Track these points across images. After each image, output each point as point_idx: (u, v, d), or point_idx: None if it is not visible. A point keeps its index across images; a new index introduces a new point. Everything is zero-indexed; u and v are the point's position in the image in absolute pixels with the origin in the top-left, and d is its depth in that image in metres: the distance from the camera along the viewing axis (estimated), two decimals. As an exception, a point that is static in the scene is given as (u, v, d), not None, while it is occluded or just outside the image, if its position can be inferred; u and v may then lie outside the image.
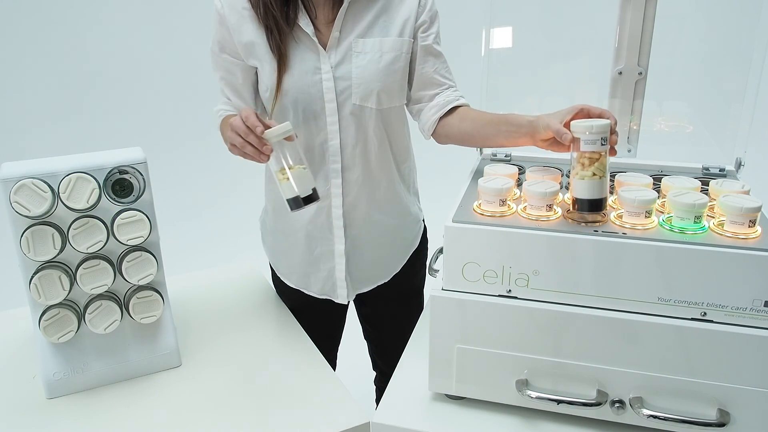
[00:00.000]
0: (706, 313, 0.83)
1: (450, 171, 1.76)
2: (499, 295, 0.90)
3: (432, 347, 0.94)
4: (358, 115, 1.17)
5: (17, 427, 1.02)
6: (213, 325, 1.30)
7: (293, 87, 1.15)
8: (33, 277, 1.01)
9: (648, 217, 0.88)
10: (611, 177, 1.06)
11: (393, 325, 1.46)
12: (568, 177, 1.06)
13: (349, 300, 1.33)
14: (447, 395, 0.99)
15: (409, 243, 1.37)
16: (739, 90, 1.07)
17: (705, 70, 1.22)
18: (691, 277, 0.81)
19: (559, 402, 0.89)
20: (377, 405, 1.40)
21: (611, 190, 1.00)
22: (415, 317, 1.28)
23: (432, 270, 1.03)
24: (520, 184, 1.03)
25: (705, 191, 0.97)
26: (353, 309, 1.50)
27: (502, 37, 1.23)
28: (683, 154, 1.14)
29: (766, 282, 0.79)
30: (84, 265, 1.04)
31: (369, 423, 0.99)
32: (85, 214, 1.03)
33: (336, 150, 1.18)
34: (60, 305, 1.05)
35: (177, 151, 3.47)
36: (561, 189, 0.99)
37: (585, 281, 0.86)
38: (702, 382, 0.84)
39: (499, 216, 0.91)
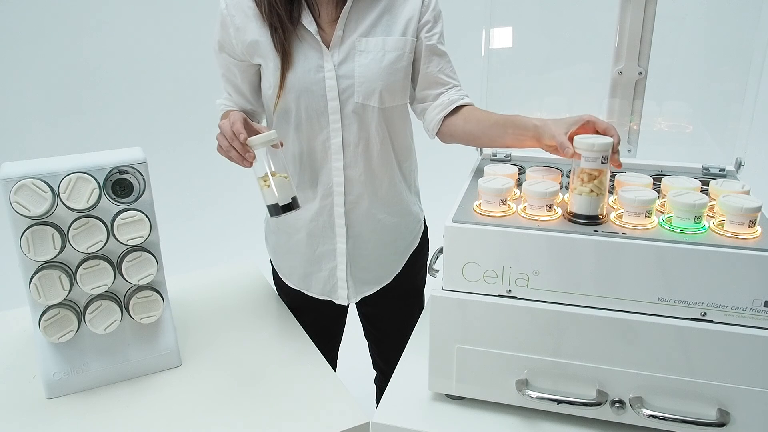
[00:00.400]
0: (706, 313, 0.83)
1: (450, 171, 1.76)
2: (499, 295, 0.90)
3: (432, 347, 0.94)
4: (360, 114, 1.17)
5: (17, 427, 1.02)
6: (213, 325, 1.31)
7: (296, 85, 1.15)
8: (33, 277, 1.01)
9: (648, 217, 0.88)
10: (611, 177, 1.06)
11: (393, 325, 1.46)
12: (568, 177, 1.06)
13: (350, 302, 1.33)
14: (447, 395, 0.99)
15: (410, 242, 1.36)
16: (739, 90, 1.07)
17: (705, 70, 1.22)
18: (691, 277, 0.81)
19: (559, 402, 0.89)
20: (377, 405, 1.40)
21: (611, 190, 1.00)
22: (416, 317, 1.28)
23: (432, 270, 1.03)
24: (520, 184, 1.03)
25: (705, 191, 0.97)
26: (353, 309, 1.50)
27: (502, 37, 1.23)
28: (683, 154, 1.14)
29: (766, 282, 0.79)
30: (84, 265, 1.04)
31: (369, 423, 0.99)
32: (85, 214, 1.03)
33: (338, 148, 1.19)
34: (60, 305, 1.05)
35: (177, 151, 3.47)
36: (561, 189, 0.99)
37: (585, 281, 0.86)
38: (702, 382, 0.84)
39: (499, 216, 0.91)
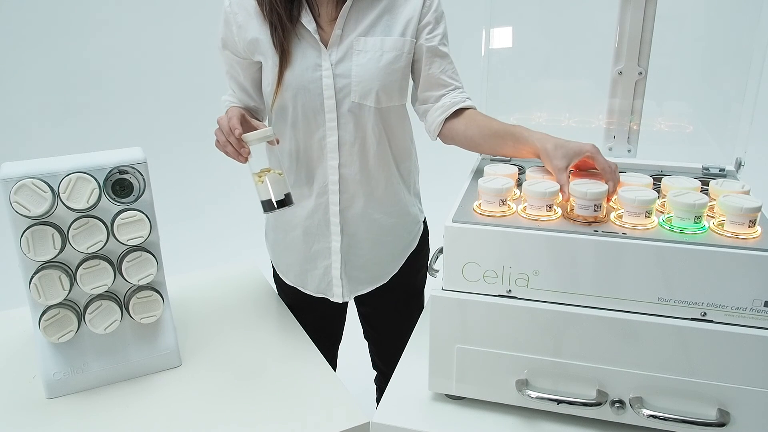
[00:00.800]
0: (706, 313, 0.83)
1: (450, 171, 1.76)
2: (499, 295, 0.90)
3: (432, 347, 0.94)
4: (356, 113, 1.17)
5: (17, 427, 1.02)
6: (213, 325, 1.31)
7: (293, 82, 1.16)
8: (33, 277, 1.01)
9: (648, 217, 0.88)
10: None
11: (393, 326, 1.46)
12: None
13: (345, 300, 1.33)
14: (447, 395, 0.99)
15: (407, 244, 1.36)
16: (739, 90, 1.07)
17: (705, 70, 1.22)
18: (691, 277, 0.81)
19: (559, 402, 0.89)
20: (377, 405, 1.40)
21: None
22: (415, 318, 1.28)
23: (432, 270, 1.03)
24: (520, 184, 1.03)
25: (705, 191, 0.97)
26: (353, 308, 1.50)
27: (502, 37, 1.23)
28: (683, 154, 1.14)
29: (766, 282, 0.79)
30: (84, 265, 1.04)
31: (369, 423, 0.99)
32: (85, 214, 1.03)
33: (334, 146, 1.19)
34: (60, 305, 1.05)
35: (177, 151, 3.47)
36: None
37: (585, 281, 0.86)
38: (702, 382, 0.84)
39: (499, 216, 0.91)
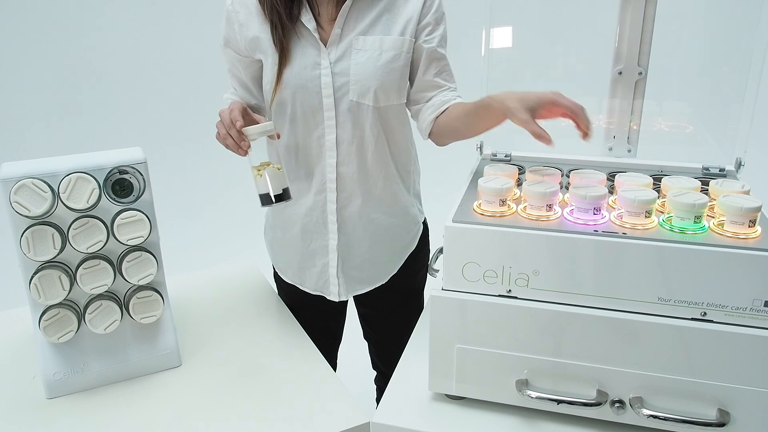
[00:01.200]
0: (706, 313, 0.83)
1: (450, 171, 1.76)
2: (499, 295, 0.90)
3: (432, 347, 0.94)
4: (354, 112, 1.18)
5: (17, 427, 1.02)
6: (213, 325, 1.30)
7: (292, 81, 1.17)
8: (33, 277, 1.01)
9: (648, 217, 0.88)
10: (611, 177, 1.06)
11: (392, 326, 1.46)
12: (568, 177, 1.06)
13: (342, 299, 1.33)
14: (447, 395, 0.99)
15: (406, 244, 1.36)
16: (739, 90, 1.07)
17: (705, 70, 1.22)
18: (691, 277, 0.81)
19: (559, 402, 0.90)
20: (377, 405, 1.40)
21: (611, 190, 1.01)
22: (415, 319, 1.28)
23: (432, 270, 1.03)
24: (520, 184, 1.03)
25: (705, 191, 0.97)
26: (353, 308, 1.50)
27: (502, 37, 1.23)
28: (683, 154, 1.14)
29: (766, 282, 0.79)
30: (84, 265, 1.04)
31: (369, 423, 0.99)
32: (85, 214, 1.03)
33: (332, 145, 1.19)
34: (60, 305, 1.05)
35: (177, 151, 3.47)
36: (561, 189, 0.99)
37: (585, 281, 0.86)
38: (702, 382, 0.84)
39: (499, 216, 0.91)
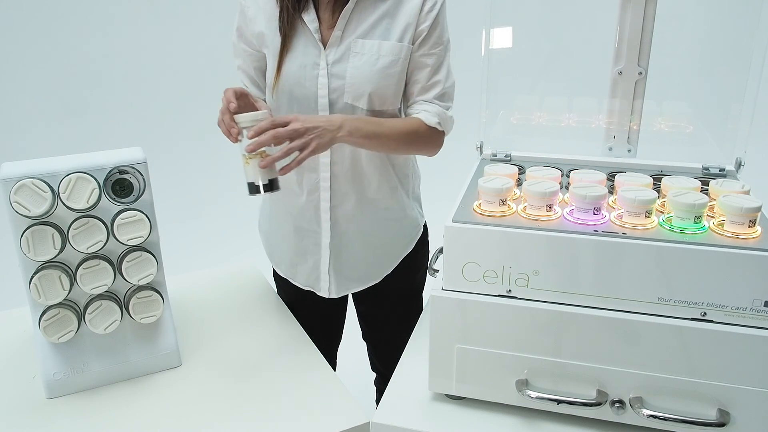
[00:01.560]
0: (706, 313, 0.83)
1: (450, 171, 1.76)
2: (499, 295, 0.90)
3: (432, 347, 0.94)
4: (349, 114, 1.18)
5: (17, 427, 1.02)
6: (213, 325, 1.30)
7: (290, 78, 1.18)
8: (33, 277, 1.01)
9: (648, 217, 0.88)
10: (611, 177, 1.06)
11: (391, 327, 1.46)
12: (568, 177, 1.06)
13: (332, 296, 1.33)
14: (447, 395, 0.99)
15: (403, 246, 1.35)
16: (739, 90, 1.07)
17: (705, 70, 1.22)
18: (691, 277, 0.81)
19: (559, 402, 0.89)
20: (377, 405, 1.40)
21: (611, 190, 1.00)
22: (414, 321, 1.28)
23: (432, 270, 1.03)
24: (520, 184, 1.03)
25: (705, 191, 0.97)
26: (353, 309, 1.49)
27: (502, 37, 1.23)
28: (683, 154, 1.14)
29: (766, 282, 0.79)
30: (84, 265, 1.04)
31: (369, 423, 0.99)
32: (85, 214, 1.03)
33: None
34: (60, 305, 1.05)
35: (177, 151, 3.47)
36: (561, 189, 0.99)
37: (585, 281, 0.86)
38: (702, 382, 0.84)
39: (499, 216, 0.91)
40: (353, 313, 1.51)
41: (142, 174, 1.06)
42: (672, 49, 1.18)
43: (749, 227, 0.84)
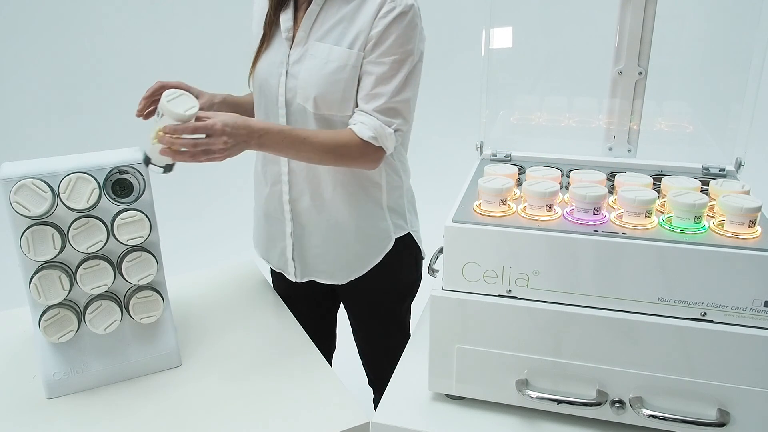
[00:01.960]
0: (706, 313, 0.83)
1: (449, 171, 1.76)
2: (499, 295, 0.90)
3: (432, 347, 0.94)
4: (302, 114, 1.20)
5: (17, 427, 1.02)
6: (213, 325, 1.30)
7: (261, 74, 1.23)
8: (33, 277, 1.01)
9: (648, 217, 0.88)
10: (611, 177, 1.06)
11: (370, 336, 1.46)
12: (568, 177, 1.06)
13: (299, 281, 1.35)
14: (447, 395, 0.99)
15: (368, 255, 1.31)
16: (739, 90, 1.07)
17: (705, 70, 1.22)
18: (691, 277, 0.81)
19: (559, 402, 0.89)
20: (375, 408, 1.40)
21: (611, 190, 1.00)
22: (396, 336, 1.30)
23: (432, 270, 1.03)
24: (520, 184, 1.03)
25: (705, 191, 0.97)
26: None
27: (502, 37, 1.23)
28: (683, 154, 1.14)
29: (766, 282, 0.79)
30: (84, 265, 1.04)
31: (369, 423, 0.99)
32: (85, 214, 1.03)
33: None
34: (60, 305, 1.05)
35: (177, 151, 3.46)
36: (561, 189, 0.99)
37: (585, 281, 0.86)
38: (702, 382, 0.84)
39: (499, 216, 0.91)
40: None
41: (142, 174, 1.06)
42: (672, 49, 1.18)
43: (749, 227, 0.84)
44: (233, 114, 1.05)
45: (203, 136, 1.01)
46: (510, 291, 0.89)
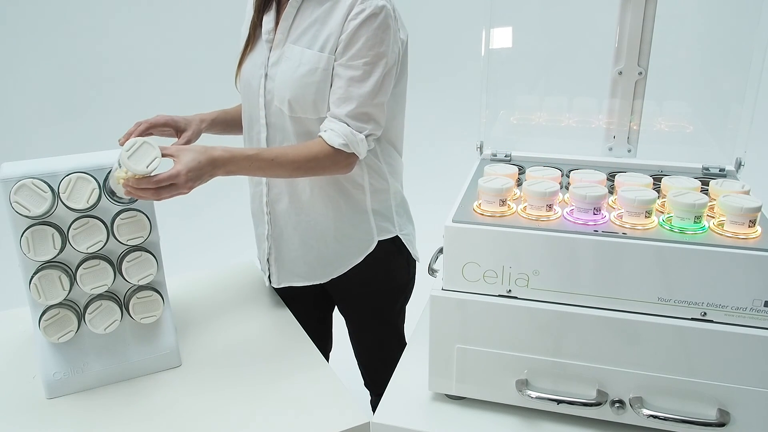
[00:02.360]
0: (706, 313, 0.83)
1: (449, 171, 1.76)
2: (499, 295, 0.90)
3: (432, 347, 0.94)
4: (279, 116, 1.20)
5: (17, 427, 1.02)
6: (213, 325, 1.31)
7: (245, 75, 1.25)
8: (33, 277, 1.01)
9: (648, 217, 0.88)
10: (611, 177, 1.06)
11: (364, 338, 1.45)
12: (568, 177, 1.06)
13: (276, 286, 1.36)
14: (447, 395, 0.99)
15: (349, 255, 1.30)
16: (739, 90, 1.07)
17: (705, 70, 1.22)
18: (691, 277, 0.81)
19: (559, 402, 0.89)
20: (372, 409, 1.40)
21: (611, 190, 1.00)
22: (391, 339, 1.29)
23: (432, 270, 1.03)
24: (520, 184, 1.03)
25: (705, 191, 0.97)
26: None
27: (502, 37, 1.23)
28: (683, 154, 1.14)
29: (766, 282, 0.79)
30: (84, 265, 1.04)
31: (369, 423, 0.99)
32: (85, 214, 1.03)
33: (264, 142, 1.23)
34: (60, 305, 1.05)
35: (177, 151, 3.46)
36: (561, 189, 0.99)
37: (585, 281, 0.86)
38: (702, 382, 0.84)
39: (499, 216, 0.91)
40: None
41: (142, 174, 1.06)
42: (672, 49, 1.18)
43: (749, 227, 0.84)
44: (198, 150, 1.01)
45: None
46: (510, 291, 0.89)
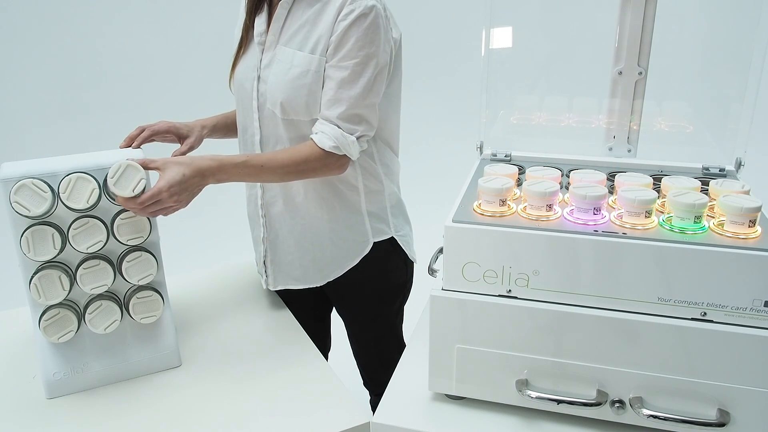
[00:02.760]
0: (706, 313, 0.83)
1: (449, 171, 1.76)
2: (499, 295, 0.90)
3: (432, 347, 0.94)
4: (272, 119, 1.20)
5: (17, 427, 1.02)
6: (213, 325, 1.31)
7: (239, 77, 1.24)
8: (33, 277, 1.01)
9: (648, 217, 0.88)
10: (611, 177, 1.06)
11: (362, 339, 1.45)
12: (568, 177, 1.06)
13: (272, 288, 1.36)
14: (447, 395, 0.99)
15: (345, 258, 1.29)
16: (739, 90, 1.07)
17: (705, 70, 1.22)
18: (691, 277, 0.81)
19: (559, 402, 0.90)
20: (372, 409, 1.40)
21: (611, 190, 1.00)
22: (388, 339, 1.29)
23: (432, 270, 1.03)
24: (520, 184, 1.03)
25: (705, 191, 0.97)
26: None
27: (502, 37, 1.23)
28: (683, 154, 1.14)
29: (766, 282, 0.79)
30: (84, 265, 1.04)
31: (369, 423, 0.99)
32: (85, 214, 1.03)
33: (257, 145, 1.23)
34: (60, 305, 1.05)
35: (177, 151, 3.46)
36: (561, 189, 0.99)
37: (585, 281, 0.86)
38: (702, 382, 0.84)
39: (499, 216, 0.91)
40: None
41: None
42: (672, 49, 1.18)
43: (749, 227, 0.84)
44: (183, 162, 1.02)
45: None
46: (510, 291, 0.89)
